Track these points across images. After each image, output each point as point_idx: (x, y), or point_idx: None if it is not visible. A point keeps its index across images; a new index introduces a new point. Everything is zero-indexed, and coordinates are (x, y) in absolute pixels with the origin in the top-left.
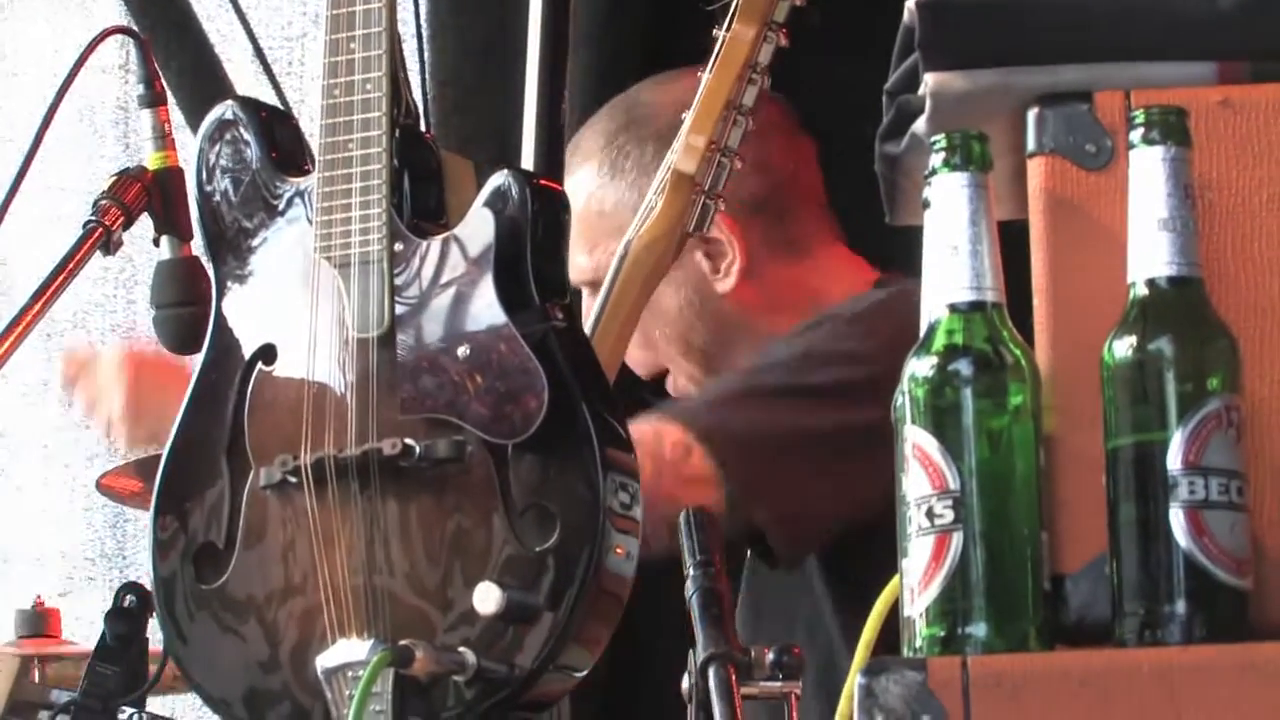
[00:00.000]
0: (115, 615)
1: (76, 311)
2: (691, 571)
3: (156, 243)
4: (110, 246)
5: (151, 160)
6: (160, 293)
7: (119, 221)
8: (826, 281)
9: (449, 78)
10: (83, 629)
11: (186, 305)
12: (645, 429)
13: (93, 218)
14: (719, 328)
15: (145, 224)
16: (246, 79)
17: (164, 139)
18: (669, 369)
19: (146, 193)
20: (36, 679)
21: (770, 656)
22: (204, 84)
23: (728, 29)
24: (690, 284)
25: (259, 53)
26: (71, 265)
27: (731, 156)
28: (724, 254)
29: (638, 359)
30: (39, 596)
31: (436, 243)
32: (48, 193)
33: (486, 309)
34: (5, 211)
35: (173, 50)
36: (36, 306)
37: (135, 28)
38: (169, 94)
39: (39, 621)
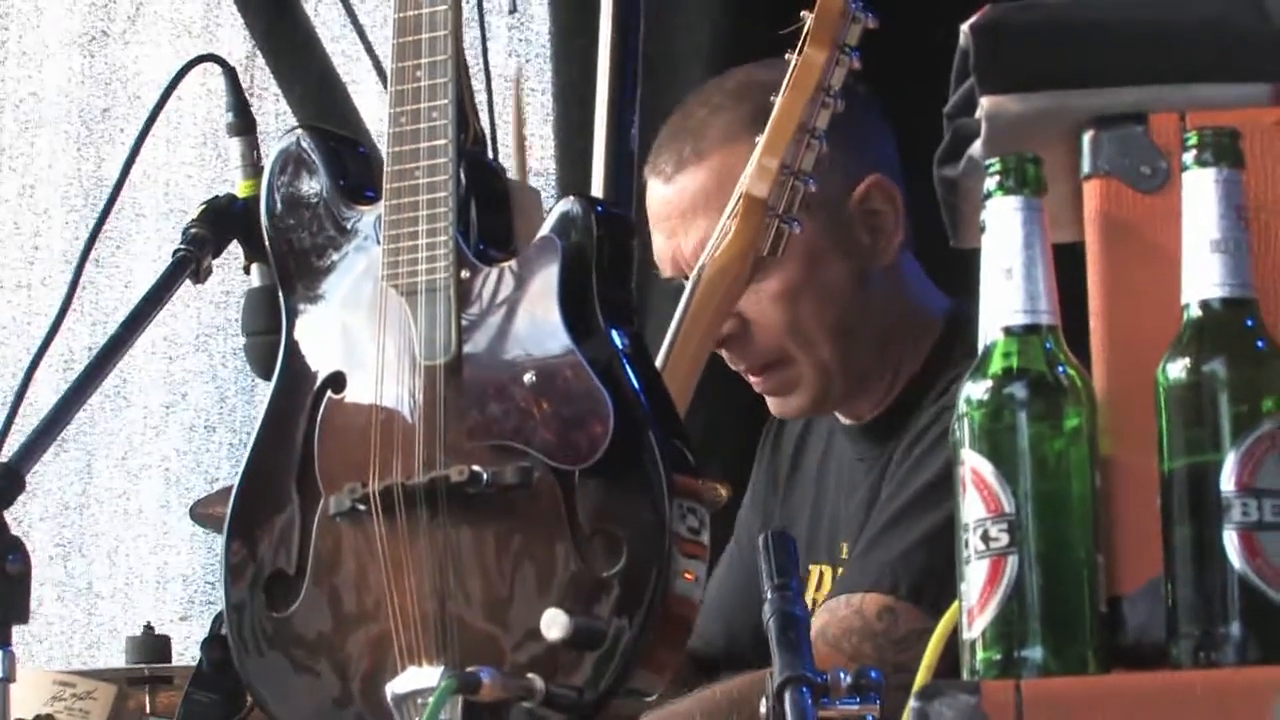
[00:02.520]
0: (212, 642)
1: (199, 335)
2: (769, 595)
3: (247, 270)
4: (200, 275)
5: (241, 188)
6: (250, 320)
7: (208, 250)
8: (923, 290)
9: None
10: None
11: (276, 332)
12: (843, 613)
13: (182, 246)
14: (869, 307)
15: None
16: (371, 101)
17: (253, 166)
18: (792, 354)
19: (236, 220)
20: (147, 707)
21: (847, 679)
22: (327, 108)
23: (799, 52)
24: (855, 258)
25: (382, 75)
26: (161, 294)
27: (805, 180)
28: (885, 226)
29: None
30: (149, 623)
31: (503, 270)
32: (171, 216)
33: (552, 335)
34: (100, 230)
35: (297, 74)
36: (127, 335)
37: (259, 51)
38: (293, 114)
39: (150, 648)
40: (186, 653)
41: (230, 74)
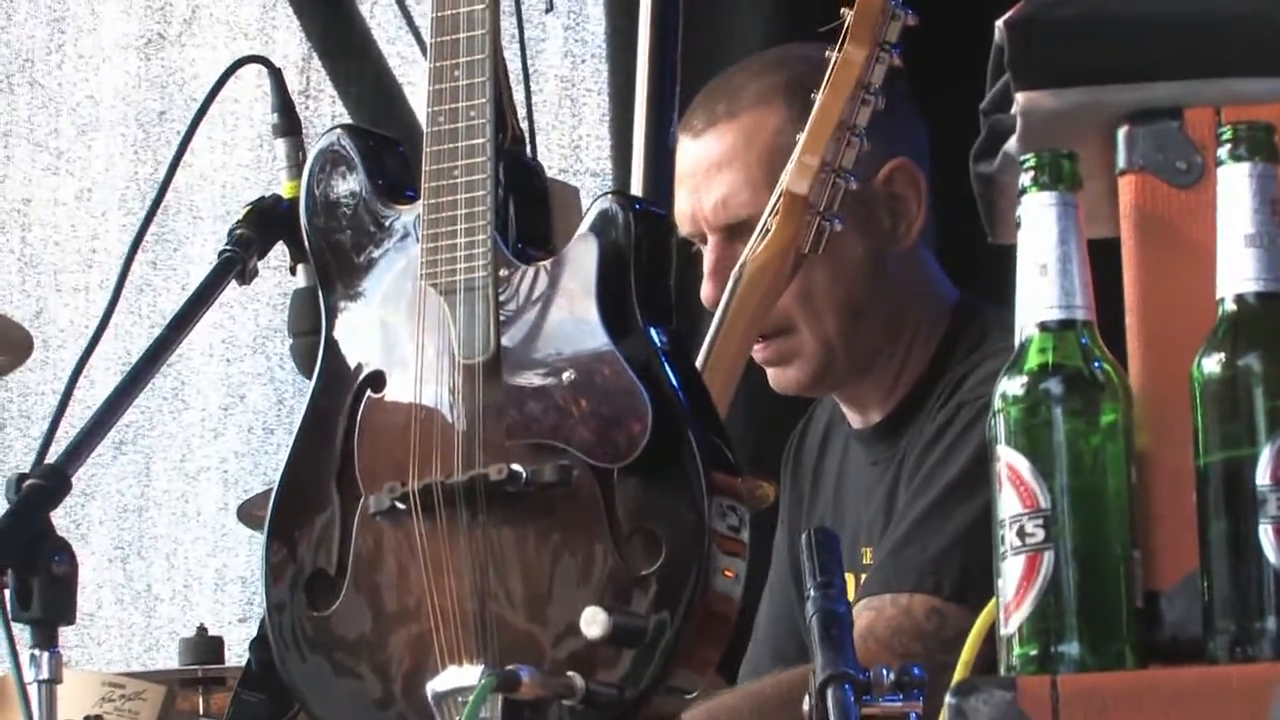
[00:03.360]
0: (261, 642)
1: (256, 336)
2: (812, 593)
3: (293, 271)
4: (245, 275)
5: (286, 189)
6: (297, 321)
7: (254, 250)
8: (937, 283)
9: None
10: None
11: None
12: (890, 612)
13: (228, 247)
14: (881, 290)
15: None
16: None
17: (298, 167)
18: (797, 325)
19: (281, 221)
20: (200, 708)
21: (890, 676)
22: (383, 109)
23: (840, 49)
24: (873, 238)
25: None
26: (207, 295)
27: (845, 177)
28: (907, 210)
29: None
30: (202, 624)
31: (541, 268)
32: (228, 219)
33: (590, 333)
34: (142, 236)
35: (353, 76)
36: (174, 336)
37: (315, 53)
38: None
39: (203, 649)
40: (245, 654)
41: (276, 75)
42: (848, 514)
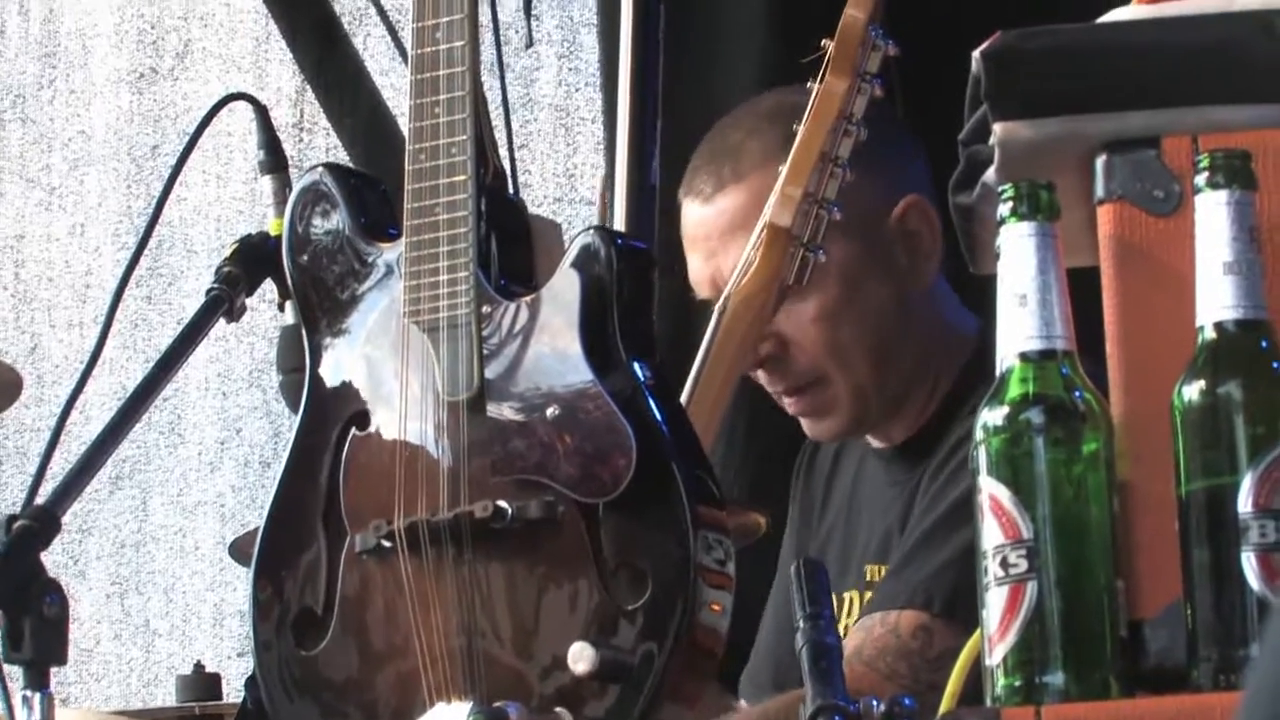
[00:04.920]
0: (256, 680)
1: (252, 370)
2: (802, 624)
3: (281, 308)
4: (234, 313)
5: (273, 226)
6: (285, 358)
7: (242, 288)
8: (956, 311)
9: None
10: None
11: None
12: (878, 631)
13: (215, 284)
14: (907, 329)
15: None
16: None
17: (284, 204)
18: (830, 375)
19: (269, 258)
20: None
21: (880, 708)
22: (377, 142)
23: (821, 81)
24: (894, 279)
25: None
26: (195, 333)
27: (829, 208)
28: (923, 247)
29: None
30: (199, 661)
31: (524, 304)
32: (223, 253)
33: (574, 369)
34: (133, 270)
35: (347, 109)
36: (163, 374)
37: (309, 86)
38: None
39: (200, 686)
40: (243, 691)
41: (261, 112)
42: (861, 531)
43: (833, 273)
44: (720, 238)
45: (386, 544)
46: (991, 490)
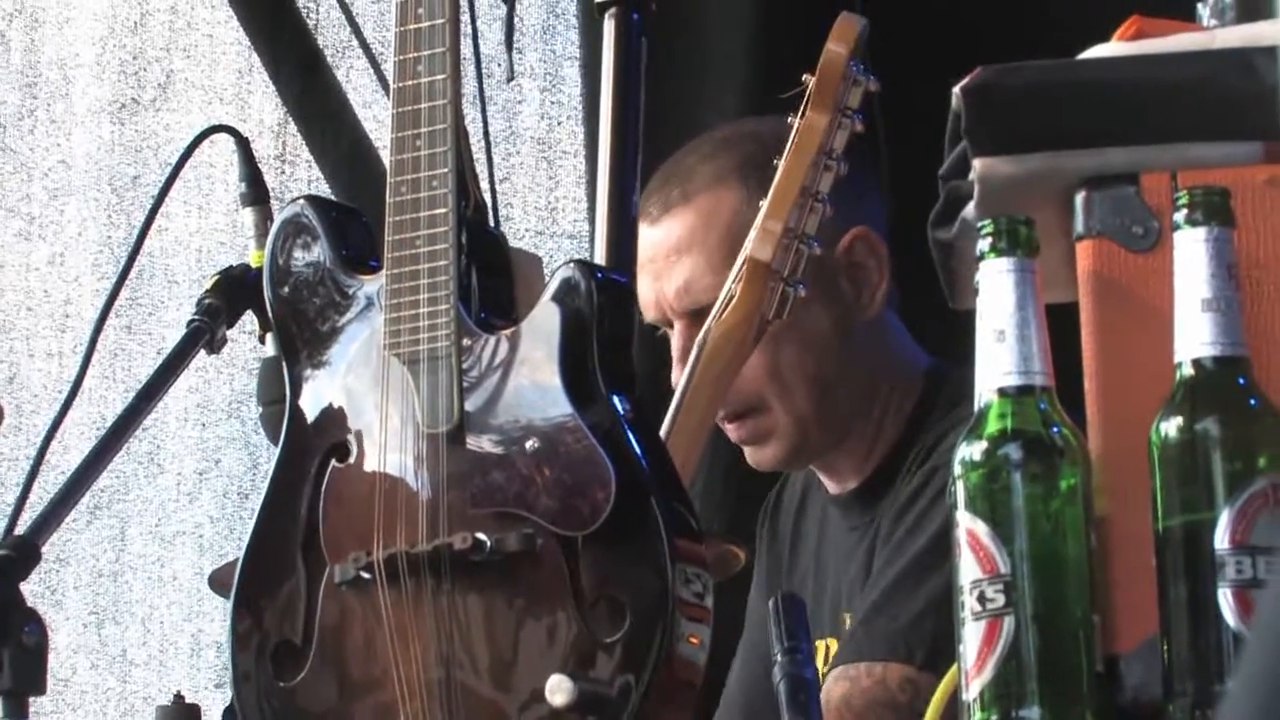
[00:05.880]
0: (234, 712)
1: (231, 401)
2: (779, 658)
3: (262, 340)
4: (214, 345)
5: (254, 258)
6: (266, 389)
7: (223, 320)
8: (906, 348)
9: None
10: None
11: None
12: (865, 683)
13: (196, 316)
14: (850, 360)
15: None
16: None
17: (265, 237)
18: (769, 403)
19: (250, 290)
20: None
21: None
22: (360, 174)
23: (802, 116)
24: (838, 308)
25: None
26: (176, 365)
27: (808, 242)
28: (869, 279)
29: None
30: (179, 692)
31: (504, 337)
32: (204, 284)
33: (553, 401)
34: (114, 300)
35: (329, 141)
36: (142, 406)
37: (291, 118)
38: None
39: (179, 717)
40: None
41: (243, 144)
42: (829, 579)
43: None
44: (665, 259)
45: (365, 575)
46: (969, 525)
